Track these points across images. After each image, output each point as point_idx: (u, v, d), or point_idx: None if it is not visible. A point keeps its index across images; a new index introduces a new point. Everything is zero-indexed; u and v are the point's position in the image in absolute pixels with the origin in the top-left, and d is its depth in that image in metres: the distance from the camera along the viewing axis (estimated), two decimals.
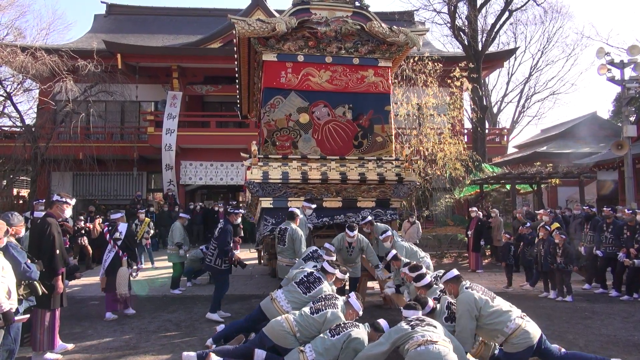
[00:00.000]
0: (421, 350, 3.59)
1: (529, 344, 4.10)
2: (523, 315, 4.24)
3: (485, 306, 4.17)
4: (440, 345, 3.62)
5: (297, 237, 6.60)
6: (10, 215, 4.73)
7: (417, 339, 3.68)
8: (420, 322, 3.89)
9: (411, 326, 3.85)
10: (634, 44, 11.75)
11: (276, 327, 4.46)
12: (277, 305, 4.99)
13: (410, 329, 3.83)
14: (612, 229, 8.52)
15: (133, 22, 22.49)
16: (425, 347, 3.59)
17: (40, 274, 4.64)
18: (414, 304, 4.27)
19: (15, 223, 4.67)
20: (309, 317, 4.46)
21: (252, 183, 7.52)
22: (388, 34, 8.20)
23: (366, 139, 8.34)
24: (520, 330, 4.08)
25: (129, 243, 7.06)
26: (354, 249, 6.89)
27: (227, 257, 6.69)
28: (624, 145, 11.39)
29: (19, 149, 15.30)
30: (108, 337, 5.79)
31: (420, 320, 3.96)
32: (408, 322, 3.94)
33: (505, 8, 18.69)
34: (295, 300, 4.98)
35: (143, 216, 11.28)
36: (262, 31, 7.81)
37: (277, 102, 8.12)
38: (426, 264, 6.42)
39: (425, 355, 3.55)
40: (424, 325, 3.85)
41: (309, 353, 4.05)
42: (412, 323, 3.90)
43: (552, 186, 16.54)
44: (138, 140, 18.13)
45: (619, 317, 6.76)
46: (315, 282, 5.15)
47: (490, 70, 22.27)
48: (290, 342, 4.36)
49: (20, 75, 15.34)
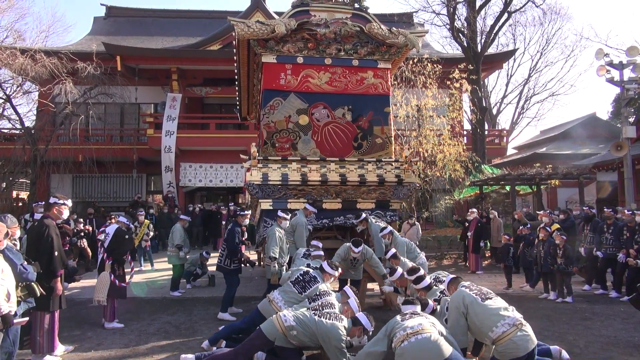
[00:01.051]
0: (408, 345, 3.59)
1: (514, 356, 3.82)
2: (519, 323, 3.90)
3: (472, 304, 4.03)
4: (430, 332, 3.63)
5: (271, 234, 6.69)
6: (3, 217, 4.72)
7: (402, 334, 3.67)
8: (413, 315, 3.88)
9: (403, 318, 3.85)
10: (632, 45, 11.77)
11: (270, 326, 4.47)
12: (274, 306, 5.01)
13: (401, 319, 3.83)
14: (612, 230, 8.52)
15: (132, 24, 22.49)
16: (415, 337, 3.60)
17: (38, 275, 4.62)
18: (412, 299, 4.25)
19: (9, 225, 4.66)
20: (308, 317, 4.43)
21: (251, 185, 7.52)
22: (387, 36, 8.21)
23: (366, 140, 8.34)
24: (507, 339, 3.81)
25: (115, 246, 6.51)
26: (358, 261, 6.84)
27: (236, 257, 7.01)
28: (623, 146, 11.39)
29: (19, 151, 15.29)
30: (107, 340, 5.78)
31: (415, 313, 3.94)
32: (402, 315, 3.93)
33: (504, 9, 18.71)
34: (292, 301, 5.01)
35: (142, 218, 11.27)
36: (261, 33, 7.83)
37: (277, 104, 8.12)
38: (422, 260, 6.71)
39: (416, 345, 3.56)
40: (415, 317, 3.83)
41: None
42: (406, 316, 3.89)
43: (552, 187, 16.54)
44: (138, 142, 18.11)
45: (619, 318, 6.75)
46: (310, 281, 5.18)
47: (489, 72, 22.28)
48: (285, 342, 4.37)
49: (19, 78, 15.30)
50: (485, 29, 20.34)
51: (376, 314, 5.36)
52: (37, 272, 4.62)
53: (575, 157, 17.56)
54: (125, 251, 6.73)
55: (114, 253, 6.47)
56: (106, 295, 6.25)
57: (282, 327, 4.32)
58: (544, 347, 4.66)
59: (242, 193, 16.55)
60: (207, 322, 6.63)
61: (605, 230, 8.67)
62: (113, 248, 6.49)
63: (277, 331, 4.34)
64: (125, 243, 6.69)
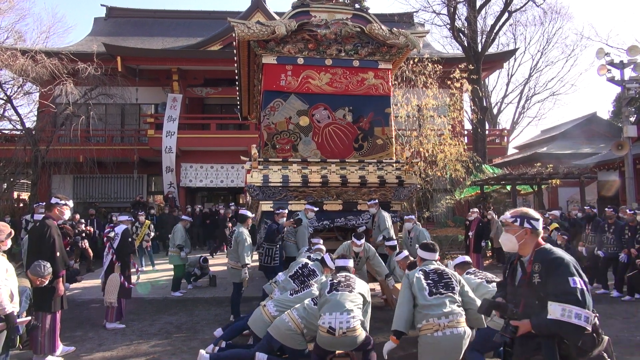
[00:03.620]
0: (442, 337, 3.50)
1: None
2: None
3: (478, 287, 4.35)
4: (463, 325, 3.58)
5: (242, 240, 6.57)
6: None
7: (437, 322, 3.52)
8: (441, 289, 3.69)
9: (430, 288, 3.67)
10: (633, 45, 11.77)
11: (281, 326, 4.42)
12: (266, 313, 4.99)
13: (429, 294, 3.64)
14: (613, 230, 8.52)
15: (133, 25, 22.51)
16: (451, 331, 3.52)
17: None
18: (431, 245, 4.08)
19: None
20: (312, 308, 4.42)
21: (252, 187, 7.51)
22: (388, 36, 8.20)
23: (366, 141, 8.33)
24: None
25: (122, 248, 6.55)
26: (361, 259, 6.78)
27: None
28: (624, 146, 11.39)
29: (20, 152, 15.31)
30: (109, 340, 5.79)
31: (439, 276, 3.76)
32: (427, 277, 3.76)
33: (504, 9, 18.70)
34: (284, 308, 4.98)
35: (143, 218, 11.28)
36: (261, 34, 7.82)
37: (277, 105, 8.12)
38: None
39: (450, 340, 3.50)
40: (444, 291, 3.66)
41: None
42: (430, 283, 3.71)
43: (553, 187, 16.53)
44: (138, 142, 18.14)
45: (621, 318, 6.76)
46: (310, 275, 5.19)
47: (490, 72, 22.26)
48: (298, 342, 4.36)
49: (20, 79, 15.33)
50: (485, 29, 20.35)
51: (377, 314, 5.37)
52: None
53: (576, 157, 17.56)
54: (129, 252, 6.74)
55: (120, 254, 6.49)
56: (116, 297, 6.28)
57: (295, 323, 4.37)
58: None
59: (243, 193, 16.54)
60: (208, 322, 6.63)
61: (606, 230, 8.67)
62: (120, 251, 6.51)
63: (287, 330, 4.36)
64: (131, 244, 6.73)
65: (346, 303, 4.01)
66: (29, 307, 4.58)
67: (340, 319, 3.91)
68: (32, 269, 4.61)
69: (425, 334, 3.57)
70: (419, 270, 3.87)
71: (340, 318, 3.92)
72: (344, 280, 4.28)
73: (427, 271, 3.83)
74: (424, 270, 3.85)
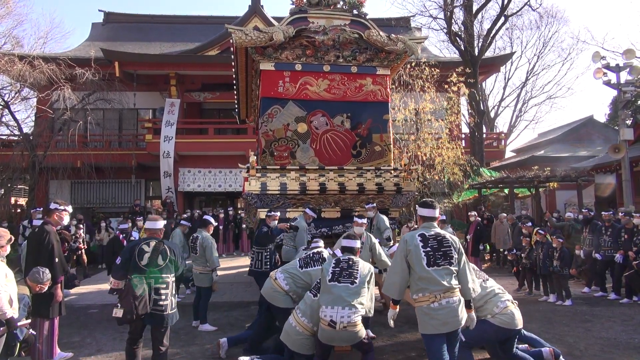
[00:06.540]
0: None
1: (509, 326, 4.31)
2: (515, 301, 4.56)
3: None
4: (457, 295, 3.65)
5: (208, 245, 6.60)
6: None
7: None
8: (439, 254, 3.63)
9: (428, 258, 3.60)
10: (629, 48, 11.85)
11: (291, 332, 4.41)
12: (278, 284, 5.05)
13: (427, 265, 3.59)
14: (610, 232, 8.55)
15: (130, 30, 22.54)
16: (446, 300, 3.57)
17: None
18: (430, 201, 3.93)
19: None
20: (313, 300, 4.45)
21: (250, 195, 7.49)
22: (386, 42, 8.18)
23: (365, 148, 8.30)
24: (507, 310, 4.35)
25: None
26: (363, 249, 6.58)
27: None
28: (621, 149, 11.45)
29: (17, 158, 15.28)
30: (107, 346, 5.77)
31: (439, 243, 3.67)
32: (425, 244, 3.66)
33: (501, 13, 18.80)
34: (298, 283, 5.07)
35: (141, 224, 11.25)
36: (259, 41, 7.79)
37: (275, 112, 8.09)
38: None
39: (442, 311, 3.55)
40: (443, 262, 3.62)
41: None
42: (429, 251, 3.63)
43: (551, 190, 16.58)
44: (136, 147, 18.12)
45: (619, 320, 6.77)
46: (319, 260, 5.17)
47: (487, 75, 22.36)
48: (307, 348, 4.37)
49: (18, 84, 15.33)
50: (482, 33, 20.44)
51: (375, 317, 5.38)
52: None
53: (573, 160, 17.62)
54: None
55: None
56: None
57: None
58: (536, 350, 4.73)
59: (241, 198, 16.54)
60: None
61: (603, 233, 8.70)
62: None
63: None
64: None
65: (348, 297, 4.10)
66: (27, 314, 4.57)
67: (342, 314, 4.02)
68: (31, 275, 4.60)
69: (421, 305, 3.62)
70: (417, 235, 3.72)
71: (342, 312, 4.03)
72: (346, 267, 4.29)
73: (426, 236, 3.69)
74: (423, 235, 3.70)
